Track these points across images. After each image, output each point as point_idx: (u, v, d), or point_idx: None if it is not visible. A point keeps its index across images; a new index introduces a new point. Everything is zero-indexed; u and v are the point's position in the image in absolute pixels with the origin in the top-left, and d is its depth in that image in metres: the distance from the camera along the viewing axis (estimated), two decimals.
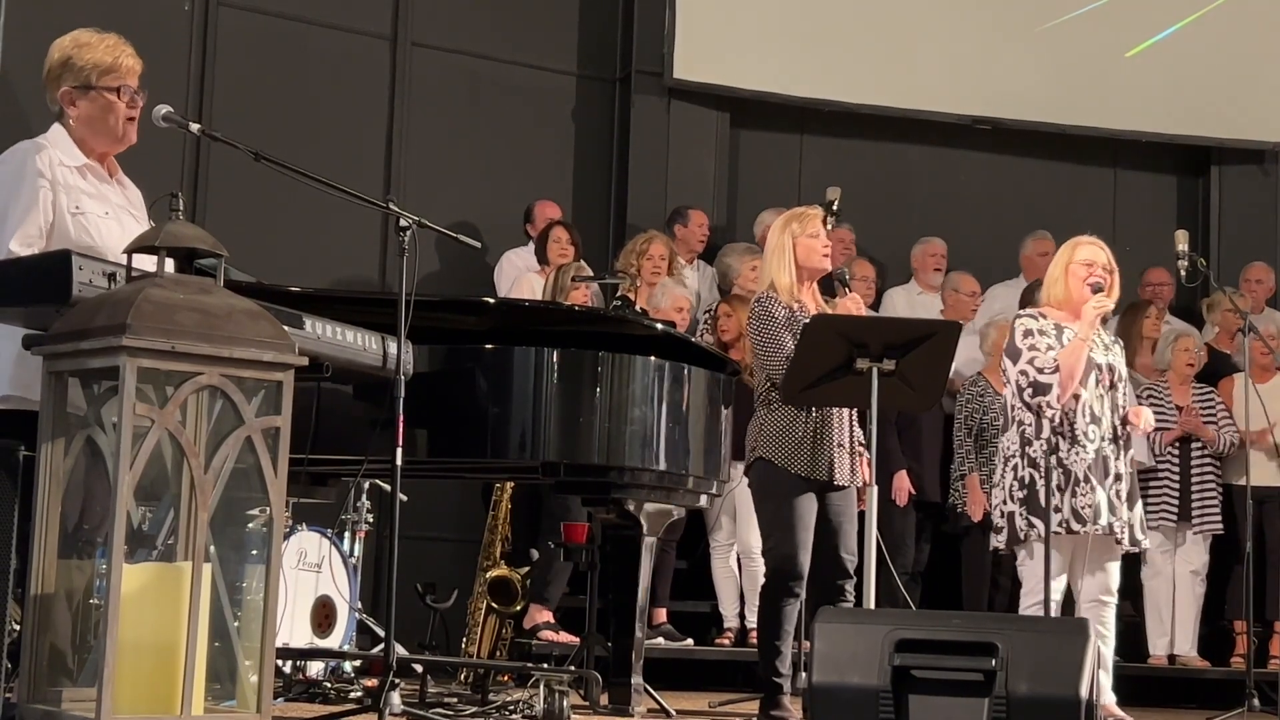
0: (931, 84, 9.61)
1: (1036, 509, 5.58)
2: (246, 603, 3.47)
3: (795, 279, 5.64)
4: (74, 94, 4.08)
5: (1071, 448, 5.59)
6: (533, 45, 9.14)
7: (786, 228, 5.69)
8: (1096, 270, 5.71)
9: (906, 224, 9.41)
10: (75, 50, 4.10)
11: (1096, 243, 5.81)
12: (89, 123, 4.08)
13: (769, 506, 5.62)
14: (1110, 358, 5.74)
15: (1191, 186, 10.27)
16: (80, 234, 3.95)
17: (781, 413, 5.59)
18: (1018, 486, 5.65)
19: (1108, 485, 5.60)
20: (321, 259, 8.17)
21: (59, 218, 3.97)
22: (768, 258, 5.74)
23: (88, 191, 4.03)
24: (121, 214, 4.08)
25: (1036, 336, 5.66)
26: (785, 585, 5.56)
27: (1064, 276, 5.76)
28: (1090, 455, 5.58)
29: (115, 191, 4.13)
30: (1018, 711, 4.19)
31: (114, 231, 3.99)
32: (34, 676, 3.35)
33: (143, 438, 3.25)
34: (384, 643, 4.71)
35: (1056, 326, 5.69)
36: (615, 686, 5.64)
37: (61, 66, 4.11)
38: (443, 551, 7.90)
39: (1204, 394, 8.31)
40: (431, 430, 5.15)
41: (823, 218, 5.76)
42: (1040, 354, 5.62)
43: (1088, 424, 5.61)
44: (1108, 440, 5.64)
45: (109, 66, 4.08)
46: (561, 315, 6.04)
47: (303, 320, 4.04)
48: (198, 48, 8.14)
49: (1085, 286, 5.68)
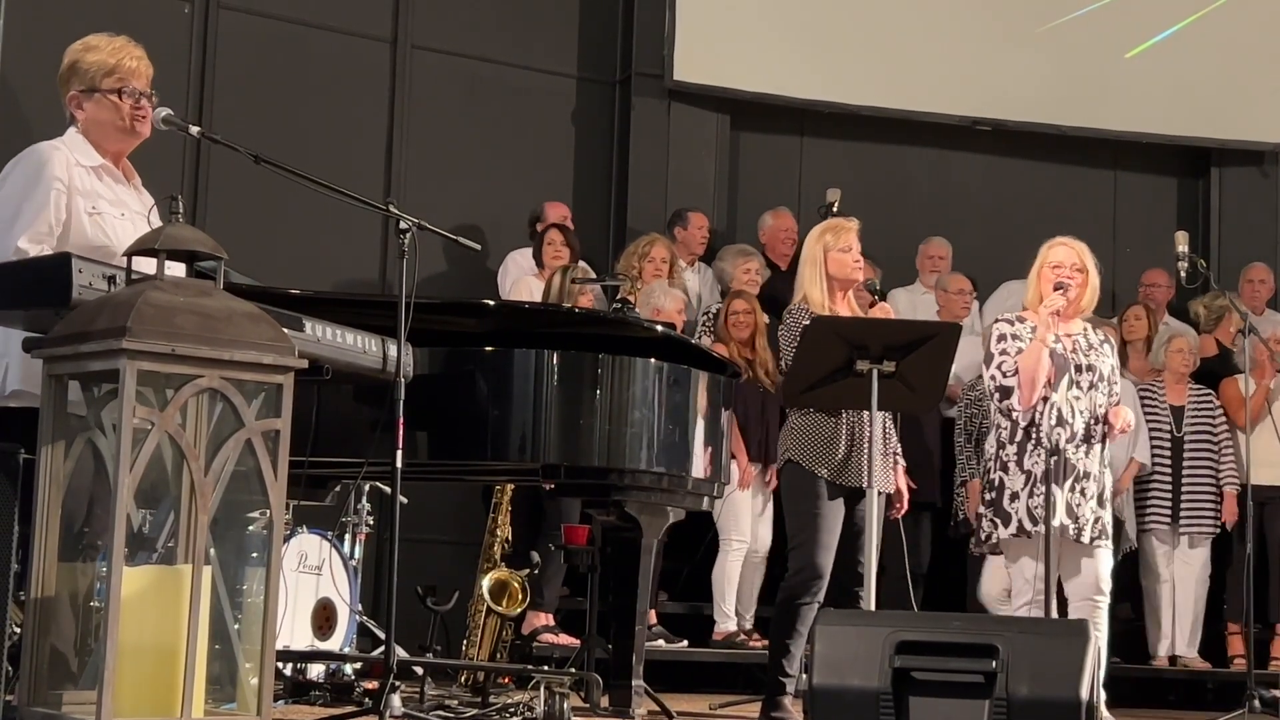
0: (931, 85, 9.62)
1: (1001, 511, 5.65)
2: (247, 605, 3.46)
3: (826, 291, 5.70)
4: (81, 98, 4.13)
5: (1034, 449, 5.62)
6: (533, 48, 9.14)
7: (820, 239, 5.75)
8: (1064, 271, 5.74)
9: (907, 225, 9.41)
10: (82, 54, 4.15)
11: (1069, 243, 5.85)
12: (96, 125, 4.12)
13: (797, 509, 5.67)
14: (1092, 358, 5.75)
15: (1191, 188, 10.27)
16: (96, 234, 3.98)
17: (813, 417, 5.63)
18: (988, 488, 5.70)
19: (1067, 486, 5.61)
20: (321, 261, 8.17)
21: (75, 218, 3.99)
22: (801, 268, 5.81)
23: (104, 194, 4.06)
24: (138, 219, 4.10)
25: (1009, 341, 5.73)
26: (806, 586, 5.59)
27: (1036, 279, 5.81)
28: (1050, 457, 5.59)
29: (132, 196, 4.16)
30: (1018, 713, 4.19)
31: (129, 233, 4.00)
32: (34, 679, 3.35)
33: (143, 440, 3.25)
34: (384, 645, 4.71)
35: (1034, 329, 5.72)
36: (616, 689, 5.64)
37: (70, 71, 4.15)
38: (443, 554, 7.90)
39: (1201, 394, 8.30)
40: (432, 432, 5.15)
41: (857, 230, 5.77)
42: (1009, 359, 5.68)
43: (1053, 426, 5.63)
44: (1076, 441, 5.65)
45: (110, 69, 4.11)
46: (561, 317, 6.04)
47: (303, 323, 4.04)
48: (198, 50, 8.14)
49: (1051, 289, 5.71)
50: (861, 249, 5.82)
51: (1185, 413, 8.16)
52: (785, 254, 8.86)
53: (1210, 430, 8.25)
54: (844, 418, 5.62)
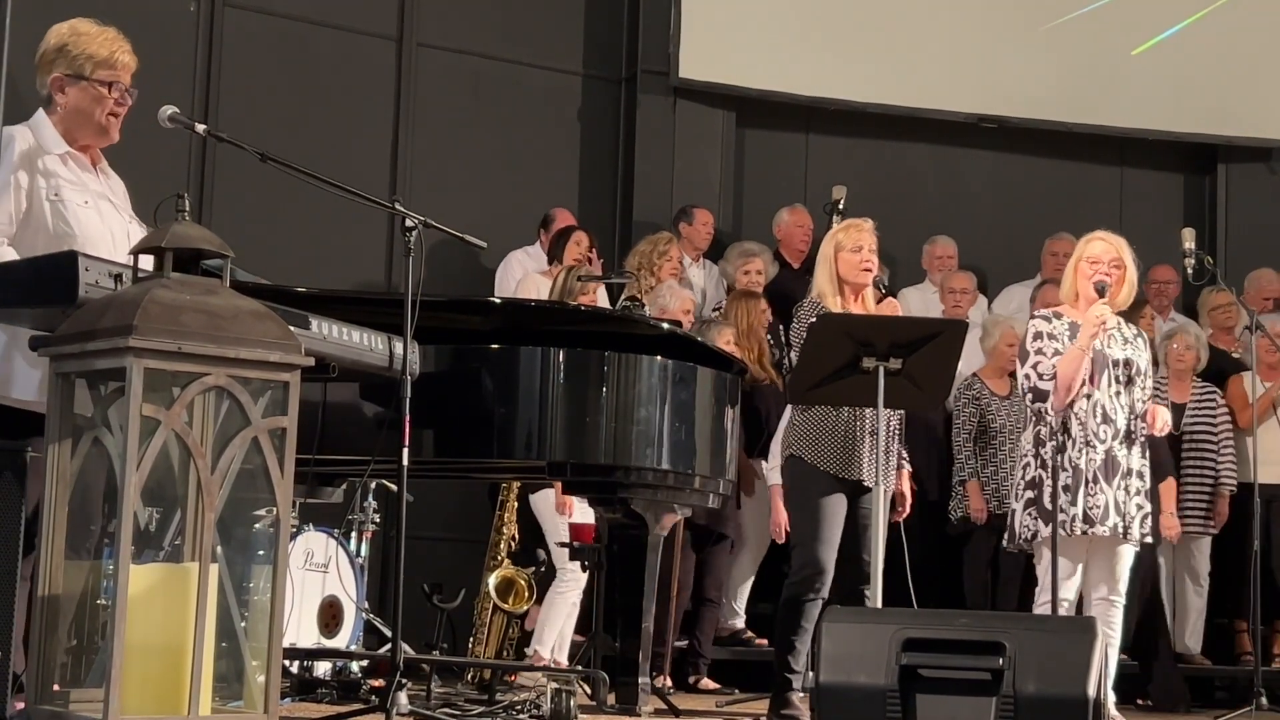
0: (937, 82, 9.61)
1: (1043, 510, 5.58)
2: (253, 603, 3.46)
3: (836, 290, 5.71)
4: (65, 81, 4.08)
5: (1083, 449, 5.57)
6: (538, 45, 9.13)
7: (834, 238, 5.80)
8: (1102, 267, 5.69)
9: (912, 223, 9.39)
10: (73, 38, 4.09)
11: (1107, 238, 5.78)
12: (75, 112, 4.08)
13: (799, 504, 5.69)
14: (1129, 352, 5.71)
15: (1198, 184, 10.26)
16: (58, 221, 3.96)
17: (816, 412, 5.64)
18: (1026, 487, 5.64)
19: (1116, 484, 5.58)
20: (327, 259, 8.17)
21: (36, 204, 3.97)
22: (817, 265, 5.83)
23: (68, 179, 4.03)
24: (100, 202, 4.07)
25: (1045, 340, 5.65)
26: (810, 582, 5.59)
27: (1073, 273, 5.74)
28: (1100, 455, 5.57)
29: (96, 180, 4.12)
30: (1025, 710, 4.18)
31: (92, 219, 3.99)
32: (41, 677, 3.35)
33: (149, 438, 3.25)
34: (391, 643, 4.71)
35: (1072, 325, 5.67)
36: (622, 686, 5.64)
37: (56, 52, 4.09)
38: (449, 551, 7.90)
39: (1205, 392, 8.28)
40: (438, 430, 5.15)
41: (871, 229, 5.77)
42: (1045, 359, 5.62)
43: (1099, 424, 5.59)
44: (1119, 439, 5.62)
45: (104, 60, 4.08)
46: (567, 315, 6.04)
47: (309, 321, 4.04)
48: (203, 48, 8.14)
49: (1090, 285, 5.67)
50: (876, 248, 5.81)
51: (1186, 411, 8.14)
52: (800, 251, 8.85)
53: (1210, 429, 8.21)
54: (845, 413, 5.62)
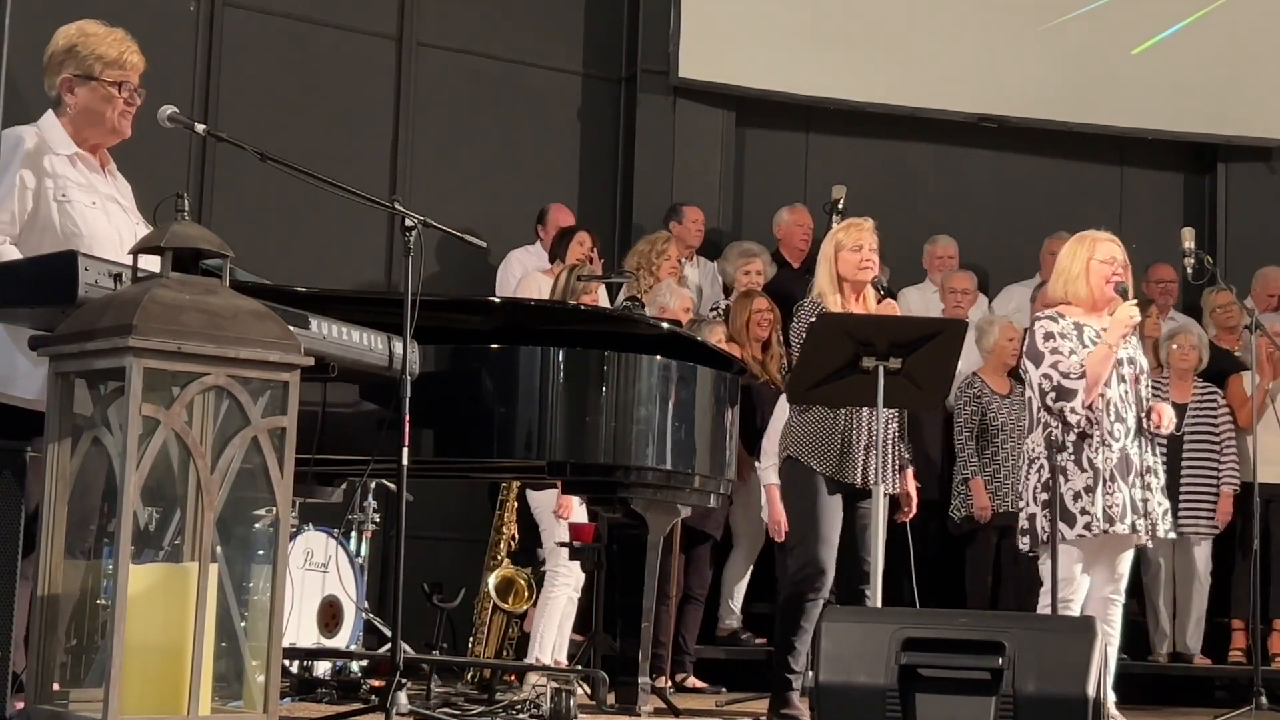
0: (937, 82, 9.61)
1: (1065, 512, 5.54)
2: (253, 603, 3.46)
3: (836, 288, 5.71)
4: (74, 82, 4.08)
5: (1099, 448, 5.55)
6: (538, 45, 9.14)
7: (834, 237, 5.81)
8: (1116, 267, 5.68)
9: (912, 222, 9.39)
10: (81, 39, 4.10)
11: (1113, 239, 5.78)
12: (85, 113, 4.08)
13: (797, 505, 5.70)
14: (1131, 350, 5.71)
15: (1198, 184, 10.26)
16: (65, 222, 3.96)
17: (814, 414, 5.63)
18: (1041, 489, 5.61)
19: (1131, 481, 5.57)
20: (327, 259, 8.17)
21: (44, 205, 3.97)
22: (818, 264, 5.84)
23: (76, 180, 4.03)
24: (109, 204, 4.07)
25: (1058, 340, 5.60)
26: (810, 582, 5.59)
27: (1085, 274, 5.69)
28: (1116, 454, 5.55)
29: (105, 181, 4.12)
30: (1025, 710, 4.18)
31: (100, 221, 3.99)
32: (41, 677, 3.35)
33: (149, 438, 3.25)
34: (391, 642, 4.71)
35: (1076, 325, 5.63)
36: (622, 685, 5.64)
37: (65, 53, 4.10)
38: (449, 551, 7.90)
39: (1206, 392, 8.28)
40: (437, 430, 5.15)
41: (872, 229, 5.77)
42: (1064, 358, 5.56)
43: (1113, 422, 5.57)
44: (1132, 437, 5.61)
45: (114, 60, 4.08)
46: (567, 315, 6.04)
47: (308, 320, 4.04)
48: (203, 48, 8.14)
49: (1109, 287, 5.64)
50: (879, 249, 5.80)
51: (1187, 411, 8.13)
52: (800, 250, 8.85)
53: (1212, 428, 8.22)
54: (842, 415, 5.61)
